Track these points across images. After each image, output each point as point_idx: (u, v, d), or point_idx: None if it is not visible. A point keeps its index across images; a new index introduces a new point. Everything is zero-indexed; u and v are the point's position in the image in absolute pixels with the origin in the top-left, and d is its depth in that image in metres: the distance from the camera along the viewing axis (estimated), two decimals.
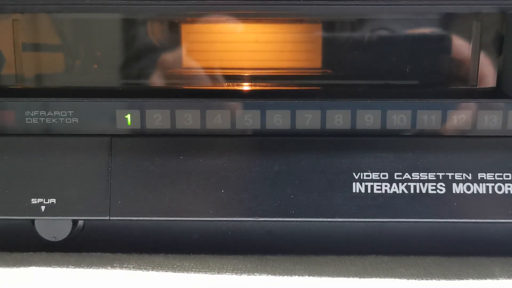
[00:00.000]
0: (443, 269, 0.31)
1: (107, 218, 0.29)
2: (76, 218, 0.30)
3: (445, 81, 0.31)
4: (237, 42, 0.33)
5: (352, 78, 0.32)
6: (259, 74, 0.32)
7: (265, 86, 0.32)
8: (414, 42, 0.31)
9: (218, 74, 0.32)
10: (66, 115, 0.29)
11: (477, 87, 0.31)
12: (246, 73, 0.32)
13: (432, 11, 0.29)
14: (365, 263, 0.32)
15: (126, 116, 0.29)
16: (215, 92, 0.31)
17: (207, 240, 0.32)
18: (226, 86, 0.31)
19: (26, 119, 0.30)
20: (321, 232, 0.32)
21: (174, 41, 0.33)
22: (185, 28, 0.32)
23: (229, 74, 0.32)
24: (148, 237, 0.32)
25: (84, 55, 0.33)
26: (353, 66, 0.32)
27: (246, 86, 0.32)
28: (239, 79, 0.32)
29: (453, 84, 0.31)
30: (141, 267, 0.30)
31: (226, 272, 0.30)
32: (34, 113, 0.30)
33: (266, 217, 0.29)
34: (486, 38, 0.30)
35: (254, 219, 0.29)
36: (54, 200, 0.29)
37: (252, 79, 0.32)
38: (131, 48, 0.32)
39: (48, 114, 0.29)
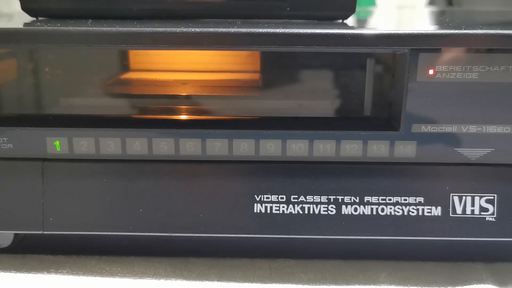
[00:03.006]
0: (338, 273, 0.35)
1: (41, 232, 0.33)
2: (14, 232, 0.34)
3: (341, 112, 0.34)
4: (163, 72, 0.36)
5: (255, 113, 0.35)
6: (174, 104, 0.35)
7: (179, 115, 0.35)
8: (312, 75, 0.34)
9: (139, 103, 0.35)
10: (1, 141, 0.33)
11: (371, 117, 0.34)
12: (163, 102, 0.36)
13: (332, 51, 0.32)
14: (272, 267, 0.36)
15: (56, 143, 0.33)
16: (135, 121, 0.34)
17: (136, 244, 0.37)
18: (145, 114, 0.35)
19: None
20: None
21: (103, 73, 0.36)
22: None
23: (148, 102, 0.35)
24: (85, 240, 0.37)
25: (20, 85, 0.36)
26: (257, 98, 0.35)
27: (161, 115, 0.35)
28: (156, 107, 0.36)
29: (348, 115, 0.34)
30: (74, 272, 0.35)
31: (147, 276, 0.35)
32: None
33: (178, 232, 0.33)
34: (378, 74, 0.33)
35: (168, 234, 0.33)
36: None
37: (166, 108, 0.35)
38: (62, 77, 0.35)
39: None
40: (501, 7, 0.72)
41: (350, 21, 0.38)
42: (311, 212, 0.33)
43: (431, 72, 0.31)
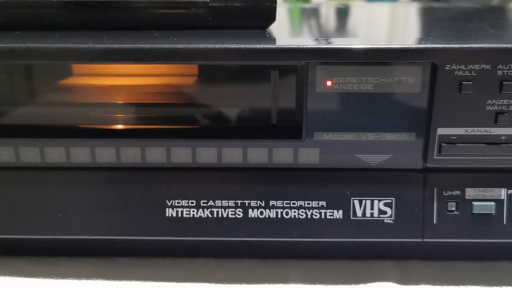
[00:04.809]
0: (253, 272, 0.37)
1: None
2: None
3: (249, 121, 0.36)
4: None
5: (167, 122, 0.37)
6: (90, 113, 0.37)
7: (95, 124, 0.37)
8: (223, 86, 0.36)
9: (57, 112, 0.37)
10: None
11: (277, 125, 0.36)
12: (80, 111, 0.37)
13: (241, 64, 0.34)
14: (193, 265, 0.38)
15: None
16: (53, 130, 0.36)
17: (65, 245, 0.39)
18: (64, 123, 0.36)
19: None
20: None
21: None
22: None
23: (67, 111, 0.37)
24: (17, 242, 0.39)
25: None
26: (170, 111, 0.37)
27: (78, 124, 0.37)
28: (74, 116, 0.37)
29: (256, 123, 0.36)
30: (0, 272, 0.37)
31: (70, 277, 0.37)
32: None
33: (95, 235, 0.35)
34: (283, 85, 0.35)
35: (85, 237, 0.35)
36: None
37: (83, 117, 0.37)
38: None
39: None
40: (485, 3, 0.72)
41: (275, 28, 0.39)
42: (220, 215, 0.35)
43: (328, 83, 0.33)
